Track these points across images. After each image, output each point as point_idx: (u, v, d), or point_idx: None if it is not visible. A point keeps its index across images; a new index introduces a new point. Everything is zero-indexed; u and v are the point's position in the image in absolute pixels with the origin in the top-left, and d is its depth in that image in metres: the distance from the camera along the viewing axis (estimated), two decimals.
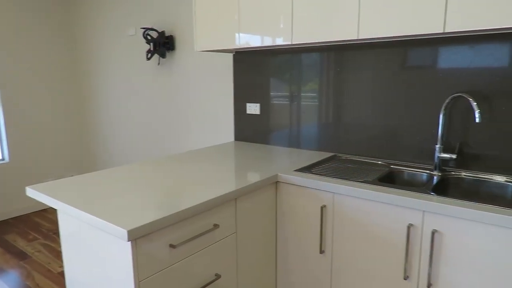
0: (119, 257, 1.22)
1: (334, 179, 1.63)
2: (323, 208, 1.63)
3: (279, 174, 1.73)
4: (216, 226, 1.45)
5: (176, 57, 2.92)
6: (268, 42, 1.95)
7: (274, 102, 2.40)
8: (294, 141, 2.34)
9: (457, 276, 1.34)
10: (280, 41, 1.90)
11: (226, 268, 1.54)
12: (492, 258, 1.27)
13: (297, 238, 1.75)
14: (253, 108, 2.50)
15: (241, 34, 2.04)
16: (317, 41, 1.78)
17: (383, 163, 1.93)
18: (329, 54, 2.11)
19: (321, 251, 1.68)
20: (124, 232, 1.12)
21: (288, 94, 2.33)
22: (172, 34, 2.90)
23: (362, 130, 2.06)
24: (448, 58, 1.74)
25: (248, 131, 2.57)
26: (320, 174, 1.71)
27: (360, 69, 2.01)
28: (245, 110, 2.56)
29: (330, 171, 1.78)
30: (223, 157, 2.09)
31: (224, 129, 2.73)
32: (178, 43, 2.89)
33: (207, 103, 2.80)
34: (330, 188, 1.59)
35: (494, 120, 1.67)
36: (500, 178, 1.63)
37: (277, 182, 1.77)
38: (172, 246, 1.27)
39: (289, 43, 1.87)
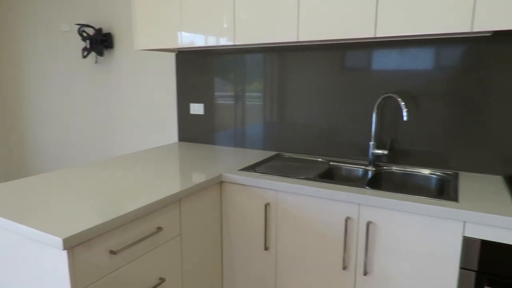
0: (55, 268, 1.15)
1: (277, 177, 1.67)
2: (267, 206, 1.67)
3: (223, 174, 1.74)
4: (159, 229, 1.42)
5: (115, 56, 2.81)
6: (211, 42, 1.94)
7: (219, 102, 2.40)
8: (239, 141, 2.37)
9: (390, 263, 1.45)
10: (223, 41, 1.90)
11: (171, 271, 1.52)
12: (420, 245, 1.38)
13: (242, 236, 1.77)
14: (197, 108, 2.49)
15: (183, 33, 2.01)
16: (259, 43, 1.82)
17: (323, 160, 2.02)
18: (273, 55, 2.16)
19: (266, 248, 1.71)
20: (58, 241, 1.06)
21: (232, 94, 2.34)
22: (110, 32, 2.78)
23: (304, 129, 2.14)
24: (380, 61, 1.87)
25: (192, 131, 2.55)
26: (264, 173, 1.74)
27: (302, 70, 2.09)
28: (188, 110, 2.53)
29: (273, 169, 1.82)
30: (166, 159, 2.06)
31: (167, 130, 2.67)
32: (117, 41, 2.77)
33: (149, 104, 2.72)
34: (273, 186, 1.63)
35: (420, 118, 1.82)
36: (425, 171, 1.79)
37: (221, 182, 1.78)
38: (112, 252, 1.23)
39: (232, 43, 1.88)
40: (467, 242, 1.30)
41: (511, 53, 1.60)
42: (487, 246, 1.27)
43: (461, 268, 1.33)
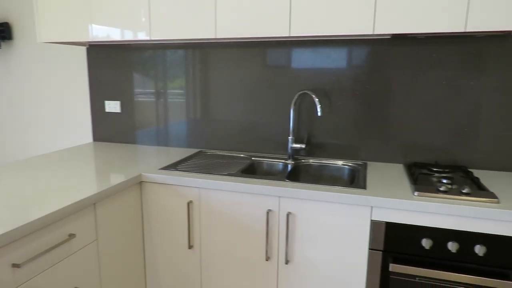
0: None
1: (200, 174, 1.66)
2: (189, 203, 1.65)
3: (142, 173, 1.68)
4: (72, 236, 1.32)
5: (16, 48, 2.52)
6: (126, 36, 1.85)
7: (139, 99, 2.30)
8: (162, 139, 2.30)
9: (309, 250, 1.54)
10: (140, 36, 1.83)
11: (87, 280, 1.42)
12: (335, 231, 1.49)
13: (165, 236, 1.73)
14: (113, 106, 2.35)
15: (94, 26, 1.88)
16: (177, 38, 1.78)
17: (245, 156, 2.06)
18: (195, 51, 2.13)
19: (190, 247, 1.69)
20: None
21: (153, 91, 2.26)
22: (7, 21, 2.48)
23: (227, 125, 2.15)
24: (297, 59, 1.96)
25: (108, 130, 2.41)
26: (186, 171, 1.72)
27: (224, 68, 2.09)
28: (103, 108, 2.38)
29: (196, 167, 1.81)
30: (80, 160, 1.91)
31: (80, 129, 2.49)
32: (16, 32, 2.49)
33: (59, 101, 2.50)
34: (195, 184, 1.61)
35: (333, 113, 1.95)
36: (339, 162, 1.92)
37: (141, 182, 1.71)
38: (16, 265, 1.11)
39: (148, 38, 1.81)
40: (374, 225, 1.43)
41: (407, 54, 1.80)
42: (391, 227, 1.42)
43: (370, 249, 1.46)
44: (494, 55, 1.69)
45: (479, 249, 1.32)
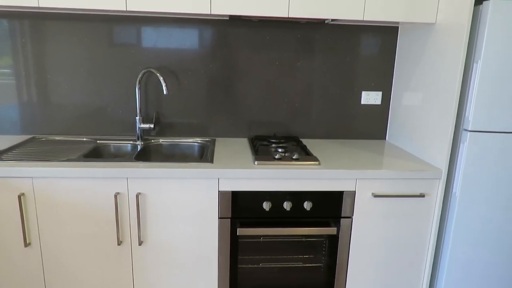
0: None
1: (32, 163, 1.47)
2: (21, 196, 1.45)
3: None
4: None
5: None
6: None
7: None
8: None
9: (163, 229, 1.55)
10: None
11: None
12: (187, 206, 1.54)
13: None
14: None
15: None
16: None
17: (89, 139, 1.91)
18: (24, 23, 1.82)
19: (27, 244, 1.51)
20: None
21: None
22: None
23: (68, 108, 1.94)
24: (143, 38, 1.89)
25: None
26: (14, 160, 1.50)
27: (65, 43, 1.86)
28: None
29: (26, 155, 1.59)
30: None
31: None
32: None
33: None
34: (27, 173, 1.43)
35: (181, 92, 1.98)
36: (189, 140, 1.97)
37: None
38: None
39: None
40: (222, 195, 1.54)
41: (244, 36, 1.93)
42: (236, 196, 1.55)
43: (219, 217, 1.56)
44: (316, 40, 1.97)
45: (307, 205, 1.57)
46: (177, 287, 1.62)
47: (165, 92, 1.76)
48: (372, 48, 2.01)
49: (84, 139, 1.91)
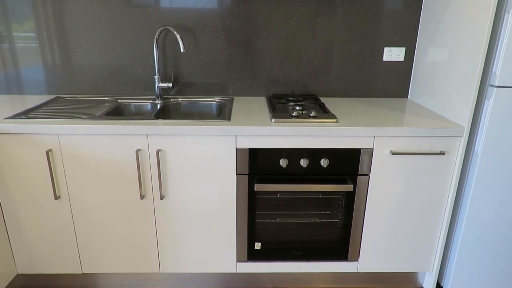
0: None
1: (57, 120, 1.53)
2: (49, 152, 1.53)
3: None
4: None
5: None
6: None
7: None
8: (14, 87, 2.00)
9: (183, 184, 1.61)
10: None
11: None
12: (205, 162, 1.58)
13: (25, 191, 1.59)
14: None
15: None
16: None
17: (110, 98, 1.95)
18: None
19: (57, 197, 1.60)
20: None
21: None
22: None
23: (89, 68, 1.98)
24: None
25: None
26: (40, 118, 1.56)
27: (83, 3, 1.87)
28: None
29: (52, 113, 1.65)
30: None
31: None
32: None
33: None
34: (53, 130, 1.49)
35: (198, 51, 1.96)
36: (207, 99, 1.98)
37: None
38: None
39: None
40: (239, 152, 1.57)
41: None
42: (253, 153, 1.57)
43: (237, 174, 1.60)
44: None
45: (324, 162, 1.58)
46: (197, 240, 1.70)
47: (182, 50, 1.75)
48: (397, 1, 1.91)
49: (106, 98, 1.96)
